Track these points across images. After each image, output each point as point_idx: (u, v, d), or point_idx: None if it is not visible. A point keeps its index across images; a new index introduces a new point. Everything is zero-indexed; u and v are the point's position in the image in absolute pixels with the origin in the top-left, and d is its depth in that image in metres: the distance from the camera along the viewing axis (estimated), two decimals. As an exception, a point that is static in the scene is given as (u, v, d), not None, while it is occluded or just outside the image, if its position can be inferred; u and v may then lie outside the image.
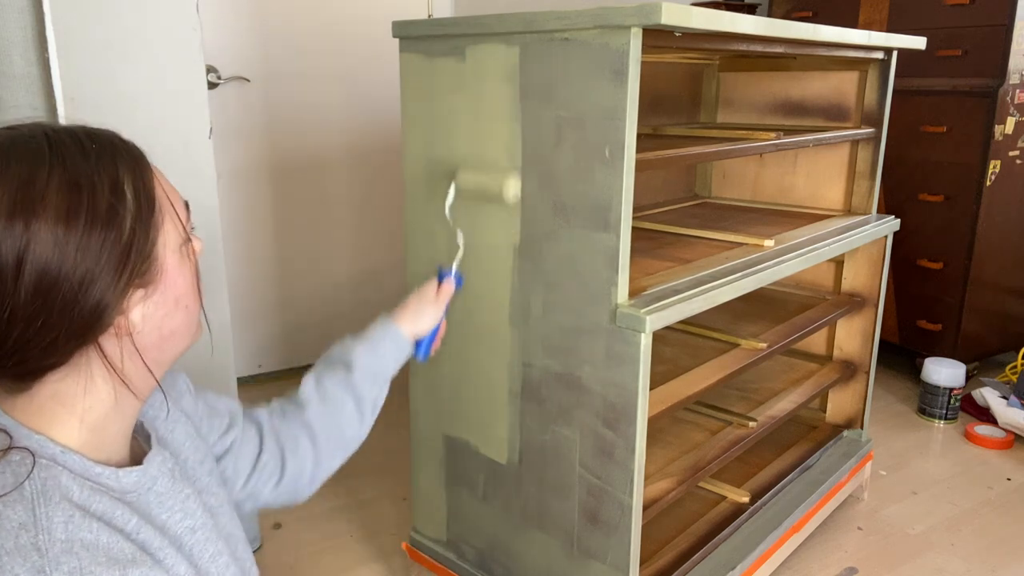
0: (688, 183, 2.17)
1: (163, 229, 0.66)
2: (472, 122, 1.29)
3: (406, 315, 1.12)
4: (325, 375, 1.04)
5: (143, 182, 0.65)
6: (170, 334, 0.69)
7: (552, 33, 1.13)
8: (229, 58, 2.48)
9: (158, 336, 0.68)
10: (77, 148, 0.62)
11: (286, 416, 1.00)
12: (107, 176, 0.62)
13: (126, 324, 0.64)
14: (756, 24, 1.22)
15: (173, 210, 0.68)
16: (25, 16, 1.30)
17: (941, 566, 1.75)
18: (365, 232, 2.88)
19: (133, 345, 0.66)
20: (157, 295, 0.66)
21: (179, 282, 0.68)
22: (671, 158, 1.29)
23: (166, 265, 0.66)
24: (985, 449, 2.29)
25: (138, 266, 0.63)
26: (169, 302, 0.67)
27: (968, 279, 2.51)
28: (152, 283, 0.65)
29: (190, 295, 0.70)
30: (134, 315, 0.65)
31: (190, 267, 0.70)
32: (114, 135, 0.67)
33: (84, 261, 0.60)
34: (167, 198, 0.68)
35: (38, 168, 0.60)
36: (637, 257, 1.42)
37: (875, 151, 1.83)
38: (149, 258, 0.65)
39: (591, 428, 1.23)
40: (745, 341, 1.56)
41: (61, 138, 0.63)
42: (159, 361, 0.70)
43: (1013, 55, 2.34)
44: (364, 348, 1.06)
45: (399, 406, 1.63)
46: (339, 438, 1.02)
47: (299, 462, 0.98)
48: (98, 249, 0.60)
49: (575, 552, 1.30)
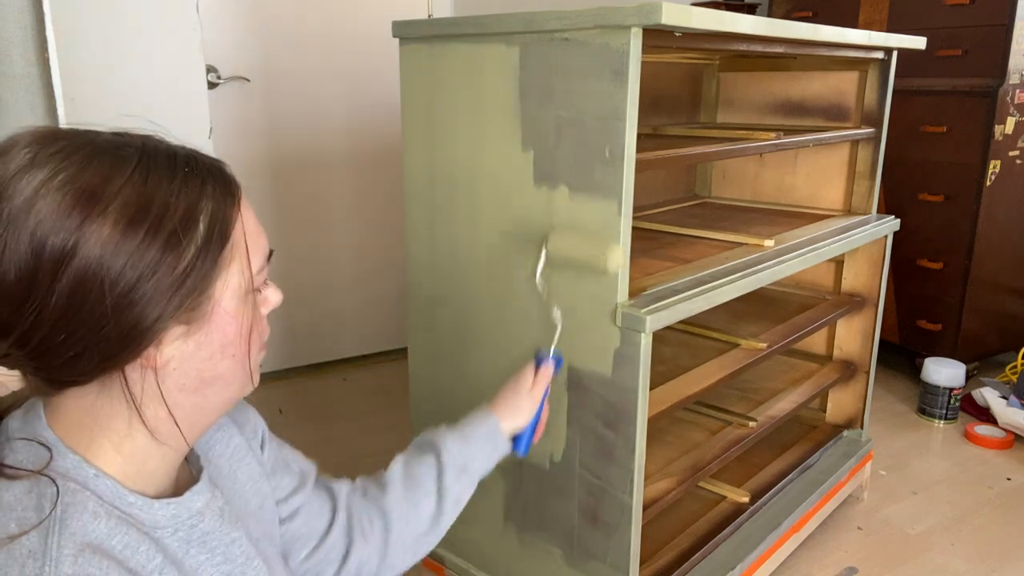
0: (688, 183, 2.17)
1: (228, 270, 0.63)
2: (472, 122, 1.29)
3: (503, 408, 1.03)
4: (414, 460, 0.98)
5: (222, 218, 0.62)
6: (212, 379, 0.65)
7: (552, 33, 1.13)
8: (229, 58, 2.48)
9: (197, 379, 0.64)
10: (167, 167, 0.60)
11: (367, 495, 0.94)
12: (185, 201, 0.59)
13: (157, 358, 0.60)
14: (756, 24, 1.22)
15: (247, 255, 0.65)
16: (25, 16, 1.30)
17: (941, 566, 1.75)
18: (365, 232, 2.88)
19: (156, 382, 0.62)
20: (201, 335, 0.62)
21: (229, 329, 0.64)
22: (671, 158, 1.29)
23: (220, 307, 0.63)
24: (985, 449, 2.29)
25: (188, 299, 0.59)
26: (214, 345, 0.63)
27: (968, 279, 2.51)
28: (198, 321, 0.62)
29: (239, 344, 0.65)
30: (170, 351, 0.61)
31: (248, 316, 0.65)
32: (219, 166, 0.65)
33: (129, 275, 0.56)
34: (244, 241, 0.64)
35: (117, 173, 0.57)
36: (637, 257, 1.42)
37: (875, 151, 1.83)
38: (203, 295, 0.61)
39: (591, 428, 1.23)
40: (745, 341, 1.56)
41: (156, 153, 0.61)
42: (201, 407, 0.66)
43: (1013, 55, 2.34)
44: (456, 439, 0.99)
45: (399, 406, 1.66)
46: (413, 532, 0.95)
47: (367, 551, 0.91)
48: (149, 269, 0.57)
49: (575, 552, 1.30)
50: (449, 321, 1.43)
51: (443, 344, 1.45)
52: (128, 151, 0.59)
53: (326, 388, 2.72)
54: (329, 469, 1.00)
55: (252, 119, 2.57)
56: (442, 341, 1.45)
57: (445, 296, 1.43)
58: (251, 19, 2.50)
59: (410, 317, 1.51)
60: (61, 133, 0.59)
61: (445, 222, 1.39)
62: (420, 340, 1.50)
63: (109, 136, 0.60)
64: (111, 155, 0.58)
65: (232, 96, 2.51)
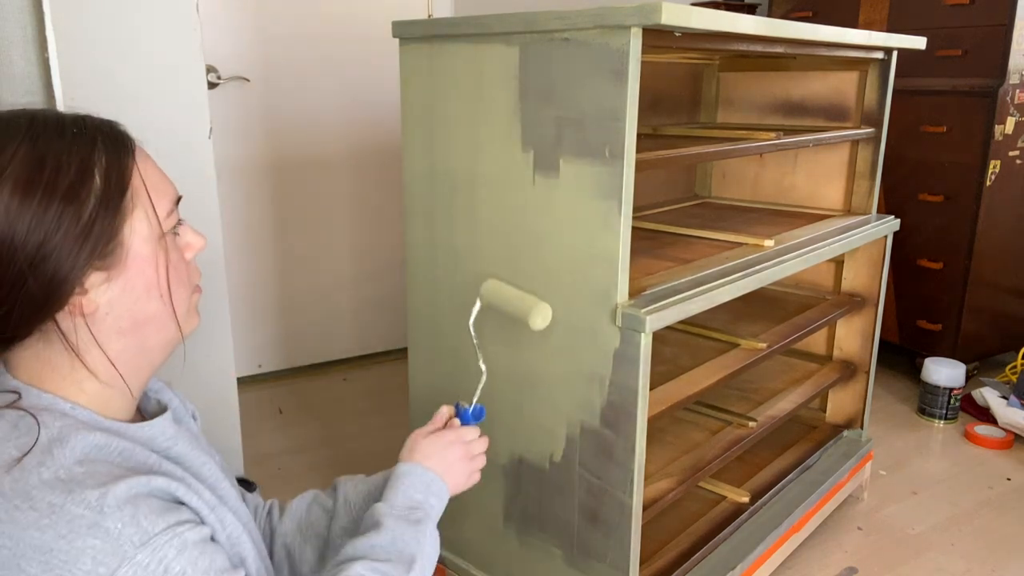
0: (688, 183, 2.17)
1: (132, 216, 0.67)
2: (472, 122, 1.29)
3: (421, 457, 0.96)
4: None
5: (118, 169, 0.66)
6: (146, 320, 0.70)
7: (552, 33, 1.13)
8: (229, 58, 2.48)
9: (131, 321, 0.69)
10: (56, 129, 0.64)
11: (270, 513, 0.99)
12: (77, 157, 0.64)
13: (84, 304, 0.66)
14: (756, 24, 1.22)
15: (150, 201, 0.69)
16: (25, 16, 1.30)
17: (941, 566, 1.75)
18: (365, 232, 2.88)
19: (87, 326, 0.67)
20: (122, 280, 0.67)
21: (147, 272, 0.69)
22: (671, 158, 1.29)
23: (132, 252, 0.67)
24: (985, 449, 2.29)
25: (98, 247, 0.64)
26: (138, 289, 0.68)
27: (968, 279, 2.51)
28: (116, 268, 0.67)
29: (161, 286, 0.70)
30: (98, 297, 0.66)
31: (164, 258, 0.70)
32: (108, 124, 0.69)
33: (36, 234, 0.61)
34: (145, 189, 0.69)
35: (7, 143, 0.62)
36: (637, 257, 1.42)
37: (875, 151, 1.83)
38: (112, 241, 0.66)
39: (591, 428, 1.23)
40: (745, 341, 1.56)
41: (44, 119, 0.65)
42: (142, 348, 0.71)
43: (1013, 55, 2.34)
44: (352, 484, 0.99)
45: (399, 406, 1.67)
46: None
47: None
48: (54, 224, 0.62)
49: (575, 552, 1.30)
50: (449, 321, 1.43)
51: (443, 344, 1.45)
52: (18, 122, 0.64)
53: (326, 388, 2.72)
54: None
55: (252, 119, 2.57)
56: (442, 341, 1.45)
57: (445, 296, 1.43)
58: (251, 19, 2.50)
59: (410, 317, 1.51)
60: None
61: (445, 222, 1.39)
62: (420, 340, 1.50)
63: (4, 113, 0.66)
64: (3, 127, 0.63)
65: (232, 96, 2.51)
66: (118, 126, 0.70)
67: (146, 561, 0.59)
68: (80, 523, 0.58)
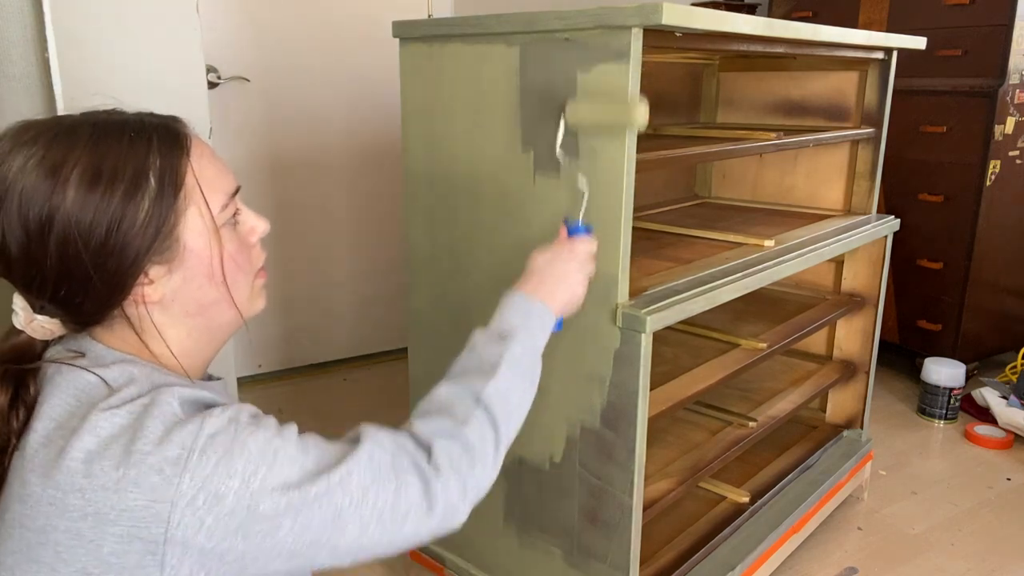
0: (688, 183, 2.17)
1: (187, 213, 0.72)
2: (472, 122, 1.29)
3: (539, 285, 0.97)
4: None
5: (171, 170, 0.71)
6: (211, 303, 0.77)
7: (552, 33, 1.13)
8: (229, 58, 2.48)
9: (197, 305, 0.76)
10: (116, 134, 0.70)
11: None
12: (133, 161, 0.69)
13: (150, 293, 0.72)
14: (756, 24, 1.22)
15: (203, 199, 0.74)
16: (25, 16, 1.30)
17: (941, 566, 1.75)
18: (365, 232, 2.87)
19: (149, 315, 0.73)
20: (183, 271, 0.73)
21: (206, 262, 0.74)
22: (671, 158, 1.29)
23: (188, 246, 0.73)
24: (985, 449, 2.29)
25: (155, 243, 0.70)
26: (199, 277, 0.74)
27: (968, 279, 2.51)
28: (176, 260, 0.72)
29: (218, 273, 0.76)
30: (163, 286, 0.72)
31: (219, 249, 0.75)
32: (164, 124, 0.74)
33: (99, 230, 0.67)
34: (199, 186, 0.73)
35: (74, 147, 0.68)
36: (637, 257, 1.42)
37: (875, 151, 1.83)
38: (170, 238, 0.71)
39: (591, 428, 1.23)
40: (745, 341, 1.56)
41: (107, 125, 0.70)
42: (209, 327, 0.78)
43: (1013, 55, 2.34)
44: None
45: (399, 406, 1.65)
46: None
47: None
48: (115, 222, 0.68)
49: (575, 552, 1.30)
50: (449, 321, 1.43)
51: (443, 344, 1.45)
52: (83, 128, 0.69)
53: (326, 388, 2.72)
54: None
55: (252, 119, 2.57)
56: (442, 341, 1.45)
57: (445, 296, 1.43)
58: (251, 19, 2.50)
59: (410, 317, 1.51)
60: (32, 124, 0.70)
61: (445, 222, 1.39)
62: (420, 340, 1.50)
63: (74, 116, 0.71)
64: (68, 133, 0.69)
65: (232, 96, 2.51)
66: (175, 124, 0.75)
67: None
68: None
